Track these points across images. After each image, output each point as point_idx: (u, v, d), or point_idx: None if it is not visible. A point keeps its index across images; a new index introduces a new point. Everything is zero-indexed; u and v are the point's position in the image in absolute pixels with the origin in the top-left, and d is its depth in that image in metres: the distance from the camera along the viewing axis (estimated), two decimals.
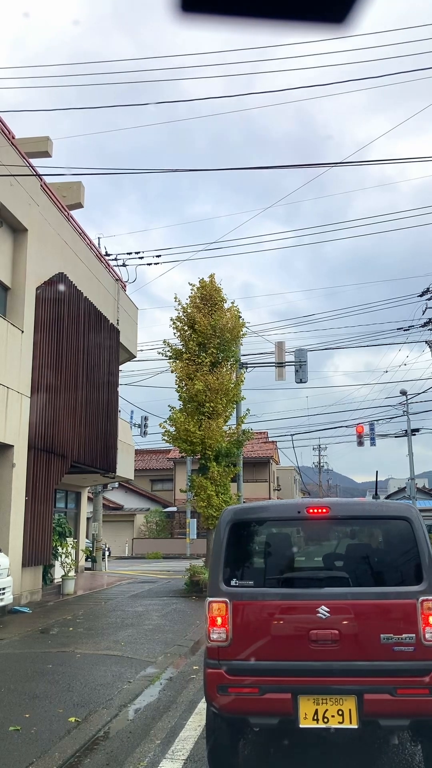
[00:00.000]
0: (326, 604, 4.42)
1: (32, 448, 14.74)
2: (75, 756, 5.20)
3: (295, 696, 4.34)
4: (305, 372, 23.93)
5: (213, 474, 18.36)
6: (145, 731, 5.81)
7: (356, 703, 4.27)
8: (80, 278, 18.11)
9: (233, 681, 4.46)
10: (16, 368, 14.21)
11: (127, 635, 10.66)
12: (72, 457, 16.78)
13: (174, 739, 5.54)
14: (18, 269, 14.87)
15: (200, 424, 18.29)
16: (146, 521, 43.68)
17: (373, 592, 4.56)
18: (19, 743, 5.39)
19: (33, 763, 4.93)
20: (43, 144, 17.56)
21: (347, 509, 5.10)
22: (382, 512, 5.03)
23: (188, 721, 6.07)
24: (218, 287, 19.71)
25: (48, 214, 16.25)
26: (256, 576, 4.89)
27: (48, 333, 15.73)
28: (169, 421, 18.88)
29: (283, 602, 4.58)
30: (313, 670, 4.36)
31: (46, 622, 12.01)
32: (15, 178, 14.16)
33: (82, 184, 19.81)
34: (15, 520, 13.90)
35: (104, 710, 6.41)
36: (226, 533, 4.86)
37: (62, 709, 6.38)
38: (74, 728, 5.81)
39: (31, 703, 6.60)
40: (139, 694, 7.11)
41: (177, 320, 19.44)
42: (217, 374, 18.72)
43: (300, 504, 5.02)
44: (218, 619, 4.55)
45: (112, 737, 5.70)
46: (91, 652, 9.26)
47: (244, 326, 19.95)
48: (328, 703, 4.31)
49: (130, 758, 5.11)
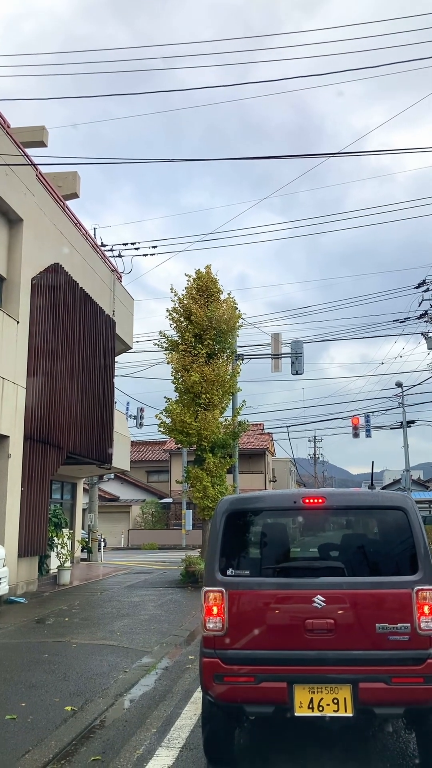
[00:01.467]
0: (322, 594, 4.44)
1: (28, 438, 14.73)
2: (71, 744, 5.22)
3: (290, 685, 4.36)
4: (301, 364, 23.95)
5: (209, 465, 18.39)
6: (141, 720, 5.84)
7: (351, 692, 4.30)
8: (76, 269, 18.06)
9: (229, 670, 4.47)
10: (12, 359, 14.18)
11: (122, 625, 10.69)
12: (68, 448, 16.78)
13: (170, 728, 5.57)
14: (13, 259, 14.81)
15: (196, 416, 18.31)
16: (142, 512, 43.76)
17: (369, 581, 4.58)
18: (16, 732, 5.41)
19: (29, 751, 4.95)
20: (38, 133, 17.48)
21: (343, 499, 5.11)
22: (378, 502, 5.04)
23: (184, 710, 6.10)
24: (214, 278, 19.69)
25: (43, 204, 16.18)
26: (252, 566, 4.91)
27: (44, 324, 15.69)
28: (166, 413, 18.90)
29: (278, 592, 4.59)
30: (309, 659, 4.38)
31: (42, 612, 12.04)
32: (10, 168, 14.08)
33: (78, 174, 19.73)
34: (11, 510, 13.91)
35: (100, 699, 6.44)
36: (222, 523, 4.87)
37: (58, 698, 6.41)
38: (70, 717, 5.83)
39: (27, 692, 6.62)
40: (134, 684, 7.14)
41: (173, 311, 19.43)
42: (214, 365, 18.72)
43: (296, 494, 5.02)
44: (214, 609, 4.57)
45: (108, 726, 5.72)
46: (87, 642, 9.29)
47: (240, 318, 19.95)
48: (323, 691, 4.33)
49: (126, 746, 5.14)
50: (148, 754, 4.94)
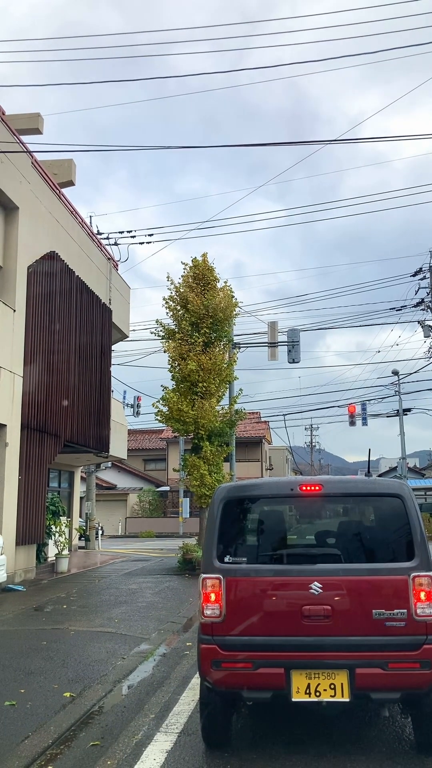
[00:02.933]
0: (319, 580, 4.47)
1: (25, 427, 14.72)
2: (70, 729, 5.26)
3: (287, 671, 4.40)
4: (298, 352, 23.94)
5: (206, 453, 18.42)
6: (140, 706, 5.88)
7: (348, 678, 4.34)
8: (72, 257, 17.98)
9: (227, 656, 4.51)
10: (8, 347, 14.14)
11: (120, 612, 10.75)
12: (65, 437, 16.78)
13: (168, 714, 5.61)
14: (9, 247, 14.74)
15: (193, 404, 18.32)
16: (139, 500, 43.87)
17: (365, 568, 4.61)
18: (15, 718, 5.45)
19: (29, 737, 5.00)
20: (33, 121, 17.32)
21: (340, 487, 5.13)
22: (375, 490, 5.07)
23: (182, 696, 6.15)
24: (211, 266, 19.64)
25: (39, 192, 16.08)
26: (250, 553, 4.93)
27: (40, 312, 15.64)
28: (162, 401, 18.90)
29: (276, 578, 4.62)
30: (306, 645, 4.42)
31: (40, 600, 12.09)
32: (5, 156, 13.98)
33: (74, 162, 19.59)
34: (8, 499, 13.93)
35: (99, 686, 6.48)
36: (219, 511, 4.89)
37: (57, 684, 6.45)
38: (69, 703, 5.87)
39: (26, 678, 6.66)
40: (132, 670, 7.19)
41: (170, 300, 19.38)
42: (210, 354, 18.71)
43: (293, 481, 5.04)
44: (212, 596, 4.60)
45: (107, 712, 5.77)
46: (85, 629, 9.34)
47: (237, 306, 19.92)
48: (320, 677, 4.38)
49: (125, 732, 5.18)
50: (146, 740, 4.99)
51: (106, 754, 4.71)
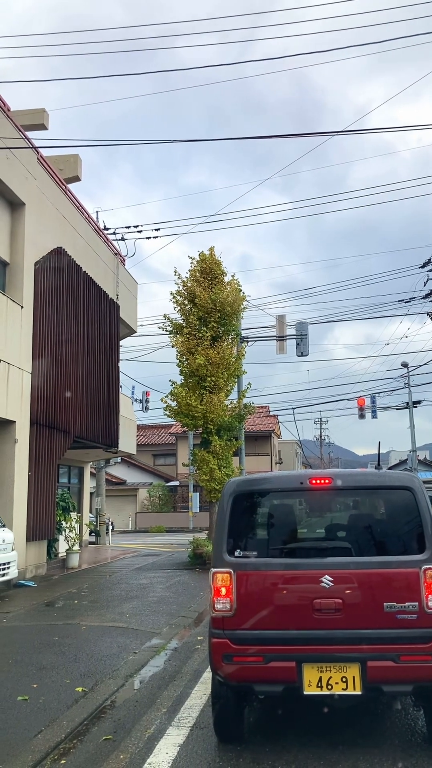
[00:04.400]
0: (329, 574, 4.45)
1: (34, 423, 14.77)
2: (83, 724, 5.28)
3: (299, 664, 4.39)
4: (306, 345, 23.86)
5: (215, 448, 18.41)
6: (152, 700, 5.90)
7: (360, 671, 4.33)
8: (79, 253, 17.98)
9: (238, 650, 4.51)
10: (17, 344, 14.17)
11: (131, 607, 10.77)
12: (74, 433, 16.82)
13: (180, 708, 5.62)
14: (16, 244, 14.76)
15: (202, 399, 18.29)
16: (149, 495, 43.95)
17: (376, 561, 4.59)
18: (28, 712, 5.47)
19: (42, 731, 5.01)
20: (38, 116, 17.31)
21: (350, 479, 5.11)
22: (385, 482, 5.04)
23: (193, 690, 6.16)
24: (218, 260, 19.57)
25: (45, 188, 16.09)
26: (260, 546, 4.92)
27: (48, 308, 15.66)
28: (171, 396, 18.88)
29: (286, 572, 4.60)
30: (317, 638, 4.41)
31: (52, 596, 12.14)
32: (11, 152, 13.98)
33: (79, 157, 19.58)
34: (18, 495, 13.98)
35: (110, 680, 6.50)
36: (229, 505, 4.88)
37: (69, 679, 6.47)
38: (81, 698, 5.89)
39: (38, 673, 6.69)
40: (144, 665, 7.20)
41: (177, 294, 19.34)
42: (218, 348, 18.66)
43: (303, 475, 5.02)
44: (222, 590, 4.59)
45: (119, 706, 5.78)
46: (96, 624, 9.37)
47: (244, 300, 19.84)
48: (332, 670, 4.37)
49: (137, 726, 5.19)
50: (158, 733, 5.00)
51: (118, 748, 4.72)
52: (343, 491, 5.10)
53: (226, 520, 4.83)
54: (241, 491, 5.00)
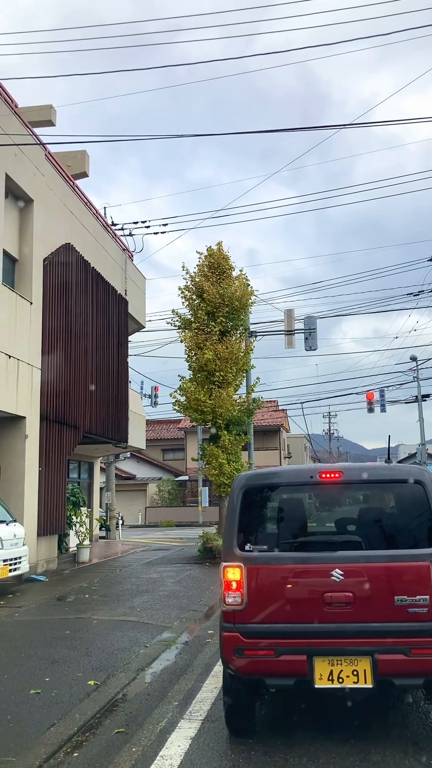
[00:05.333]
0: (340, 568, 4.46)
1: (44, 419, 14.83)
2: (95, 717, 5.32)
3: (310, 657, 4.41)
4: (315, 339, 23.83)
5: (224, 442, 18.43)
6: (163, 693, 5.93)
7: (371, 664, 4.34)
8: (87, 248, 18.00)
9: (249, 644, 4.53)
10: (26, 340, 14.22)
11: (142, 601, 10.82)
12: (84, 428, 16.88)
13: (191, 701, 5.65)
14: (25, 240, 14.79)
15: (210, 393, 18.31)
16: (159, 490, 44.06)
17: (386, 554, 4.59)
18: (41, 705, 5.52)
19: (54, 724, 5.06)
20: (46, 112, 17.33)
21: (360, 473, 5.11)
22: (395, 476, 5.03)
23: (205, 683, 6.18)
24: (226, 255, 19.55)
25: (53, 184, 16.11)
26: (270, 540, 4.93)
27: (56, 304, 15.70)
28: (180, 391, 18.91)
29: (297, 566, 4.61)
30: (328, 632, 4.42)
31: (63, 590, 12.21)
32: (19, 148, 14.00)
33: (87, 153, 19.57)
34: (29, 490, 14.05)
35: (122, 674, 6.54)
36: (239, 499, 4.89)
37: (81, 673, 6.52)
38: (93, 691, 5.93)
39: (50, 667, 6.74)
40: (155, 658, 7.24)
41: (185, 289, 19.34)
42: (227, 343, 18.67)
43: (313, 469, 5.03)
44: (233, 584, 4.61)
45: (131, 699, 5.82)
46: (107, 618, 9.42)
47: (252, 294, 19.81)
48: (342, 663, 4.38)
49: (149, 719, 5.23)
50: (170, 726, 5.03)
51: (131, 741, 4.76)
52: (353, 485, 5.10)
53: (236, 514, 4.84)
54: (251, 485, 5.01)
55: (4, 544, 11.39)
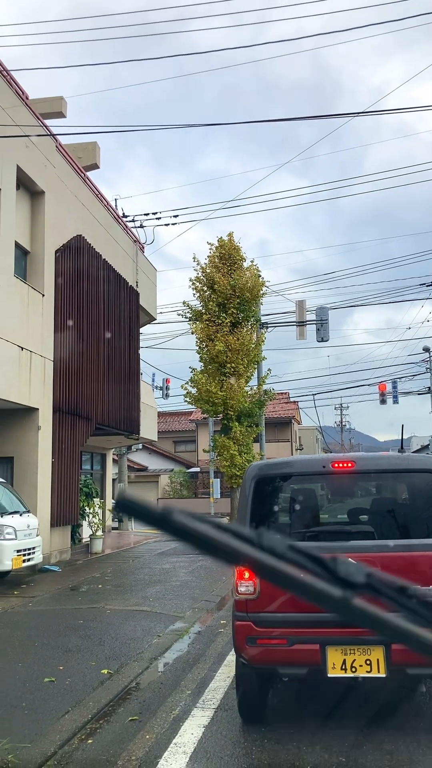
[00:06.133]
0: (352, 557, 4.43)
1: (57, 410, 14.89)
2: (109, 705, 5.36)
3: (323, 647, 4.40)
4: (326, 330, 23.71)
5: (235, 434, 18.45)
6: (176, 682, 5.96)
7: (384, 653, 4.33)
8: (98, 240, 18.01)
9: (261, 633, 4.53)
10: (38, 332, 14.27)
11: (155, 591, 10.87)
12: (96, 420, 16.93)
13: (204, 690, 5.68)
14: (36, 232, 14.81)
15: (222, 385, 18.32)
16: (170, 482, 44.19)
17: (399, 544, 4.58)
18: (55, 693, 5.56)
19: (69, 712, 5.10)
20: (57, 104, 17.30)
21: (372, 463, 5.09)
22: (408, 466, 5.01)
23: (217, 672, 6.21)
24: (237, 246, 19.52)
25: (64, 176, 16.10)
26: (282, 530, 4.93)
27: (68, 296, 15.73)
28: (191, 383, 18.94)
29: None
30: (341, 621, 4.40)
31: (76, 580, 12.29)
32: (30, 140, 14.00)
33: (98, 145, 19.53)
34: (42, 481, 14.13)
35: (135, 663, 6.57)
36: (251, 489, 4.89)
37: (94, 662, 6.56)
38: (107, 680, 5.97)
39: (64, 656, 6.79)
40: (168, 648, 7.27)
41: (196, 281, 19.34)
42: (238, 334, 18.66)
43: (325, 459, 5.02)
44: (245, 573, 4.61)
45: (144, 688, 5.86)
46: (120, 608, 9.47)
47: (263, 285, 19.78)
48: (356, 653, 4.38)
49: (163, 707, 5.26)
50: (184, 715, 5.05)
51: (144, 729, 4.79)
52: (366, 475, 5.08)
53: (249, 503, 4.85)
54: (264, 475, 5.01)
55: (18, 535, 11.47)
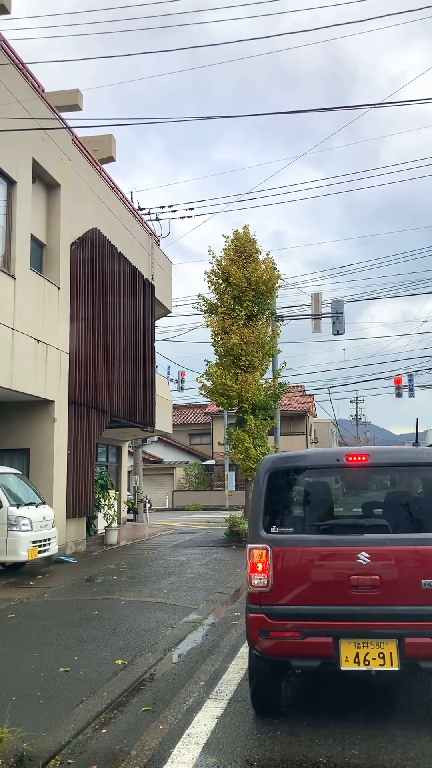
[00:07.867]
0: (366, 551, 4.45)
1: (72, 403, 14.97)
2: (123, 695, 5.40)
3: (336, 639, 4.41)
4: (342, 323, 23.57)
5: (250, 427, 18.42)
6: (190, 674, 5.99)
7: (397, 647, 4.33)
8: (114, 233, 18.03)
9: (275, 625, 4.55)
10: (54, 325, 14.33)
11: (169, 583, 10.92)
12: (111, 412, 17.01)
13: (217, 681, 5.70)
14: (52, 225, 14.86)
15: (237, 378, 18.29)
16: (185, 474, 44.33)
17: (413, 538, 4.57)
18: (69, 683, 5.61)
19: (83, 702, 5.14)
20: (72, 97, 17.28)
21: (387, 457, 5.07)
22: (422, 459, 4.99)
23: (231, 664, 6.23)
24: (252, 238, 19.41)
25: (80, 169, 16.13)
26: (296, 523, 4.93)
27: (84, 289, 15.78)
28: (206, 376, 18.91)
29: (323, 548, 4.61)
30: (354, 614, 4.42)
31: (91, 571, 12.37)
32: (46, 133, 14.03)
33: (113, 137, 19.53)
34: (58, 473, 14.23)
35: (149, 654, 6.62)
36: (265, 481, 4.89)
37: (109, 652, 6.61)
38: (121, 670, 6.02)
39: (79, 646, 6.85)
40: (182, 639, 7.31)
41: (211, 273, 19.27)
42: (253, 327, 18.60)
43: (339, 452, 5.00)
44: (259, 565, 4.62)
45: (158, 679, 5.90)
46: (135, 599, 9.53)
47: (279, 278, 19.67)
48: (369, 646, 4.38)
49: (176, 698, 5.29)
50: (197, 706, 5.08)
51: (158, 719, 4.82)
52: (380, 468, 5.07)
53: (263, 496, 4.85)
54: (278, 468, 5.01)
55: (34, 526, 11.56)
